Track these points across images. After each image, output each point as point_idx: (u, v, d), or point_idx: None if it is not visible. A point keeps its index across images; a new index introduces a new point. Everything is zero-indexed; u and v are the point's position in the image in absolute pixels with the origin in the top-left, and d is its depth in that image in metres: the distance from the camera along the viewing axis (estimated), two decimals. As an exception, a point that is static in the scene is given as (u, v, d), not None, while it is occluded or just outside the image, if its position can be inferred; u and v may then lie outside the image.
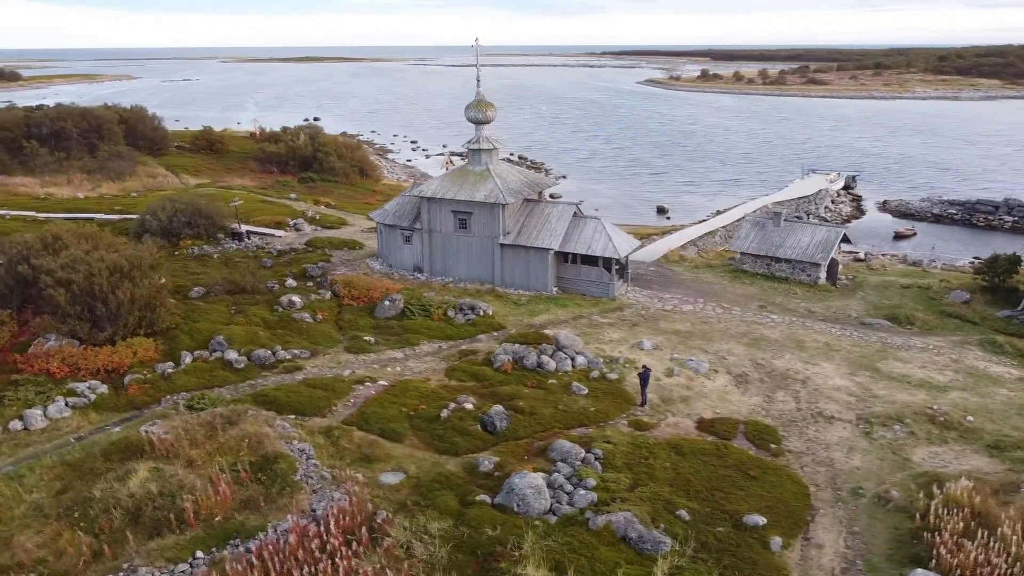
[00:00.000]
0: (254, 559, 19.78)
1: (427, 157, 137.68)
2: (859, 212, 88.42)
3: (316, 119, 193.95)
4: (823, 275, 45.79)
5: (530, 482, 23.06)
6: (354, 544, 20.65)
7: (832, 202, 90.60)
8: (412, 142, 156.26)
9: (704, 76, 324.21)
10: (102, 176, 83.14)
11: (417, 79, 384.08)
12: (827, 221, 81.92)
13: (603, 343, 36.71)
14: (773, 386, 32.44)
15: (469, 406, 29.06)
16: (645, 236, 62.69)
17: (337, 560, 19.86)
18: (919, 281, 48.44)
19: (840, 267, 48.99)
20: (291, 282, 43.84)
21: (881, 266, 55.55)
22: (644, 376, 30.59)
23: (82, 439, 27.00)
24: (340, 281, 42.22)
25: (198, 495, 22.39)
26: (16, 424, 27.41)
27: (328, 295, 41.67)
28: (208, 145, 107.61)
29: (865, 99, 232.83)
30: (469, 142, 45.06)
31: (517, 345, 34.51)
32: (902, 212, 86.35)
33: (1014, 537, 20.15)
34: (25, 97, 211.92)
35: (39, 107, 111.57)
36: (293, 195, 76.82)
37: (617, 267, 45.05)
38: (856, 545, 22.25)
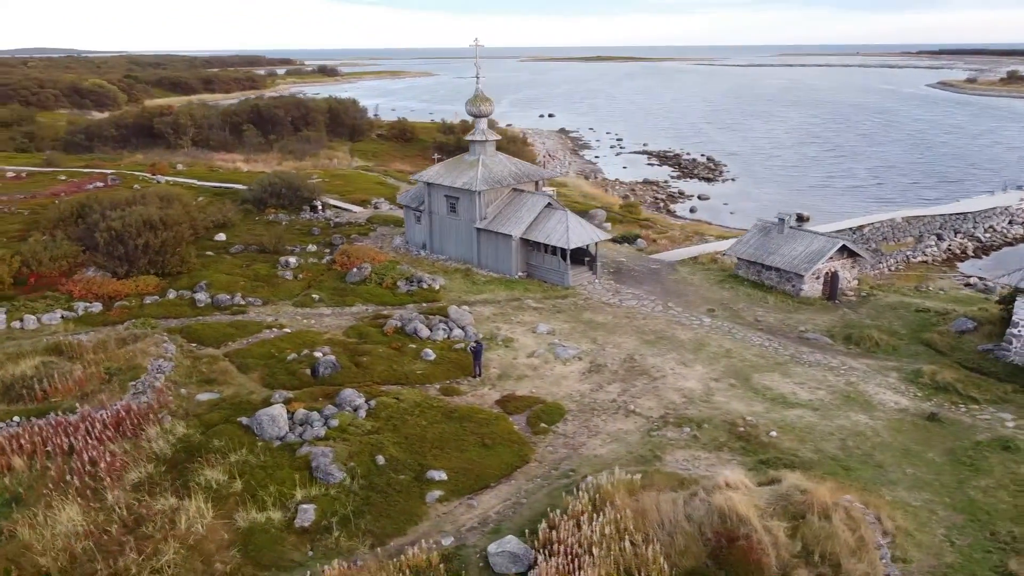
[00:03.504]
0: (38, 427, 26.81)
1: (616, 155, 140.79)
2: (1034, 236, 76.08)
3: (551, 115, 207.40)
4: (806, 287, 42.91)
5: (268, 412, 27.54)
6: (111, 431, 26.90)
7: (1010, 222, 78.82)
8: (617, 139, 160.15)
9: (1010, 78, 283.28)
10: (291, 156, 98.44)
11: (692, 79, 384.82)
12: (976, 239, 72.10)
13: (510, 323, 39.13)
14: (617, 379, 32.95)
15: (318, 354, 33.83)
16: (700, 236, 61.51)
17: (89, 438, 26.28)
18: (950, 307, 43.18)
19: (853, 282, 45.24)
20: (311, 247, 51.35)
21: (939, 289, 49.58)
22: (476, 351, 33.10)
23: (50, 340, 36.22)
24: (341, 250, 48.66)
25: (52, 383, 30.02)
26: (16, 323, 37.51)
27: (327, 260, 48.37)
28: (400, 134, 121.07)
29: None
30: (468, 134, 49.08)
31: (415, 314, 38.39)
32: (1097, 239, 73.00)
33: (598, 524, 20.71)
34: (334, 90, 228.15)
35: (279, 97, 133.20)
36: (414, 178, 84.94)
37: (588, 259, 46.45)
38: (507, 513, 23.78)
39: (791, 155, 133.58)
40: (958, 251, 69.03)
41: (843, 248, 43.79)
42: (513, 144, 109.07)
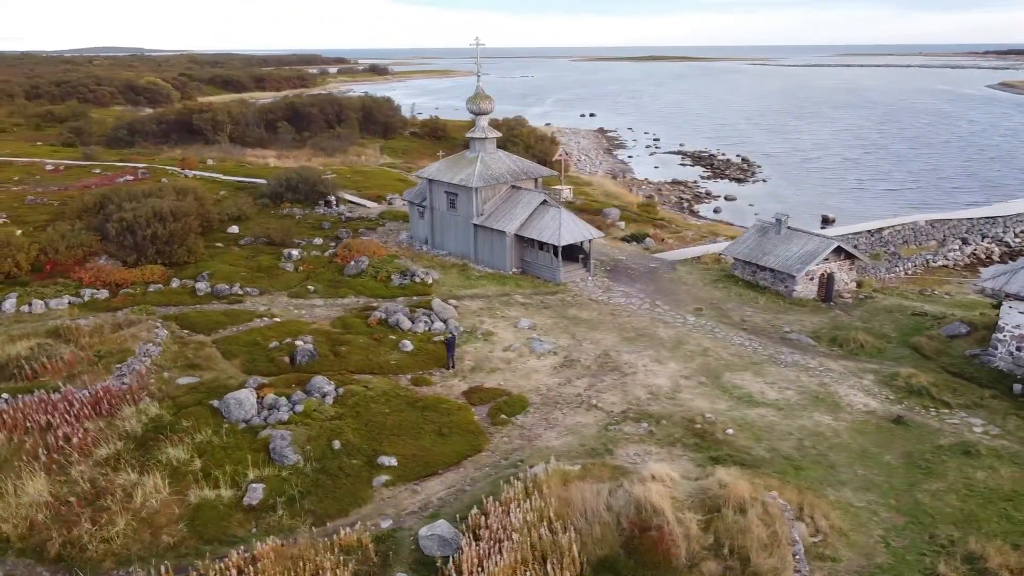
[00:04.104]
0: (22, 404, 28.37)
1: (651, 155, 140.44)
2: (1070, 240, 73.36)
3: (592, 115, 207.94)
4: (799, 287, 42.46)
5: (235, 396, 28.63)
6: (88, 410, 28.31)
7: (1045, 227, 76.17)
8: (654, 139, 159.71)
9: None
10: (322, 153, 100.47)
11: (743, 80, 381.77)
12: (1005, 243, 69.88)
13: (495, 317, 39.69)
14: (588, 374, 33.25)
15: (300, 344, 34.89)
16: (715, 236, 61.21)
17: (67, 416, 27.73)
18: (950, 311, 42.28)
19: (850, 284, 44.60)
20: (318, 240, 52.65)
21: (945, 293, 48.52)
22: (449, 343, 33.77)
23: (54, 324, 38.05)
24: (344, 244, 49.81)
25: (42, 363, 31.65)
26: (25, 308, 39.51)
27: (329, 253, 49.57)
28: (432, 132, 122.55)
29: None
30: (469, 132, 49.80)
31: (400, 306, 39.21)
32: None
33: (520, 510, 21.17)
34: (382, 88, 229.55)
35: (315, 95, 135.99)
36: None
37: (582, 256, 46.73)
38: (448, 499, 24.40)
39: (830, 157, 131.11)
40: (983, 256, 67.10)
41: (840, 249, 43.25)
42: (541, 143, 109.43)
